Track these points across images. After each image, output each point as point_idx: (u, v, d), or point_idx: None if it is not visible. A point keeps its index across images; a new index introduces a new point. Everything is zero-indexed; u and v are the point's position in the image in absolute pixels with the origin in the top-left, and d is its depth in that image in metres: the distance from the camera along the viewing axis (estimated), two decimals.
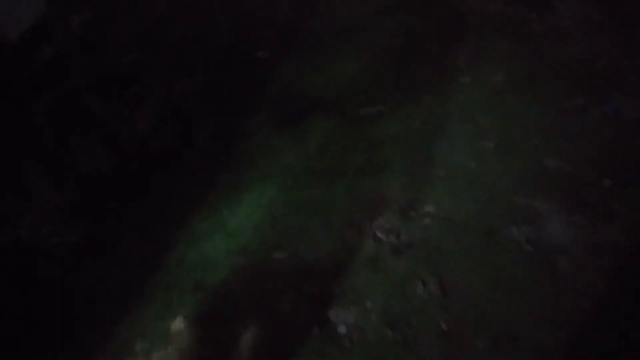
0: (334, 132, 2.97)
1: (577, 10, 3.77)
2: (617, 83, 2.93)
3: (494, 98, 3.01)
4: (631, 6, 3.57)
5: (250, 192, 2.57)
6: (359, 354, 1.81)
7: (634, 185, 2.25)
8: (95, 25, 2.67)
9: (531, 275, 1.95)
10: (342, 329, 1.87)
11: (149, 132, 2.99)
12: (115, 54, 2.88)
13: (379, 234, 2.22)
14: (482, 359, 1.74)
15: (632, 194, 2.21)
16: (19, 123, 2.21)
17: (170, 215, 2.52)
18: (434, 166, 2.59)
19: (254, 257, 2.22)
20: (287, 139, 2.94)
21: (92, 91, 2.68)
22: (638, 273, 1.92)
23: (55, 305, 2.05)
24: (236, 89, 3.42)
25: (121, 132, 2.82)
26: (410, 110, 3.03)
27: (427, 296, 1.93)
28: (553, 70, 3.20)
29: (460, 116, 2.91)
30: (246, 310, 1.99)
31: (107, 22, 2.80)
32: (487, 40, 3.60)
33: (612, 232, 2.05)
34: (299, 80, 3.48)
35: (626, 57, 3.13)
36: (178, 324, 1.97)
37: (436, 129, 2.84)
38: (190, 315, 2.02)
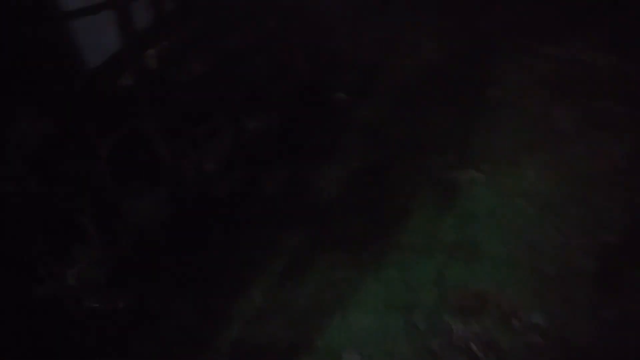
0: (418, 197, 2.59)
1: None
2: None
3: (616, 177, 2.53)
4: None
5: (321, 263, 2.23)
6: None
7: None
8: (170, 59, 2.46)
9: None
10: None
11: (214, 175, 2.73)
12: (187, 89, 2.66)
13: (474, 348, 1.80)
14: None
15: None
16: (79, 165, 2.00)
17: (229, 281, 2.22)
18: (542, 260, 2.14)
19: (319, 355, 1.86)
20: (364, 199, 2.59)
21: (159, 129, 2.46)
22: None
23: None
24: (311, 132, 3.12)
25: (185, 174, 2.58)
26: (509, 182, 2.60)
27: None
28: None
29: (573, 196, 2.45)
30: None
31: (183, 56, 2.59)
32: (600, 102, 3.12)
33: None
34: (379, 127, 3.14)
35: None
36: None
37: (543, 211, 2.40)
38: None
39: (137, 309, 2.02)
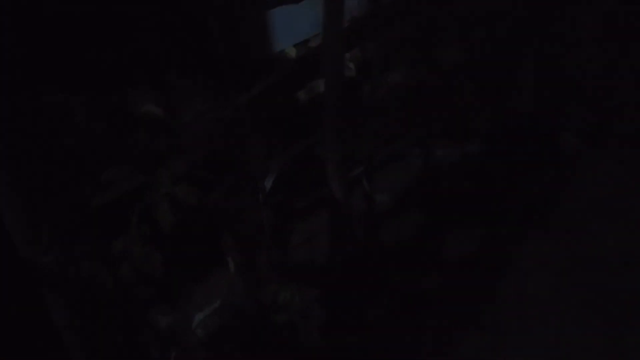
0: None
1: None
2: None
3: None
4: None
5: None
6: None
7: None
8: (371, 65, 1.94)
9: None
10: None
11: (386, 213, 2.18)
12: (381, 104, 2.10)
13: None
14: None
15: None
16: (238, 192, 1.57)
17: None
18: None
19: None
20: (585, 305, 1.80)
21: (335, 151, 1.94)
22: None
23: None
24: (522, 179, 2.35)
25: (353, 208, 2.04)
26: None
27: None
28: None
29: None
30: None
31: (385, 63, 2.04)
32: None
33: None
34: (618, 191, 2.24)
35: None
36: None
37: None
38: None
39: None
